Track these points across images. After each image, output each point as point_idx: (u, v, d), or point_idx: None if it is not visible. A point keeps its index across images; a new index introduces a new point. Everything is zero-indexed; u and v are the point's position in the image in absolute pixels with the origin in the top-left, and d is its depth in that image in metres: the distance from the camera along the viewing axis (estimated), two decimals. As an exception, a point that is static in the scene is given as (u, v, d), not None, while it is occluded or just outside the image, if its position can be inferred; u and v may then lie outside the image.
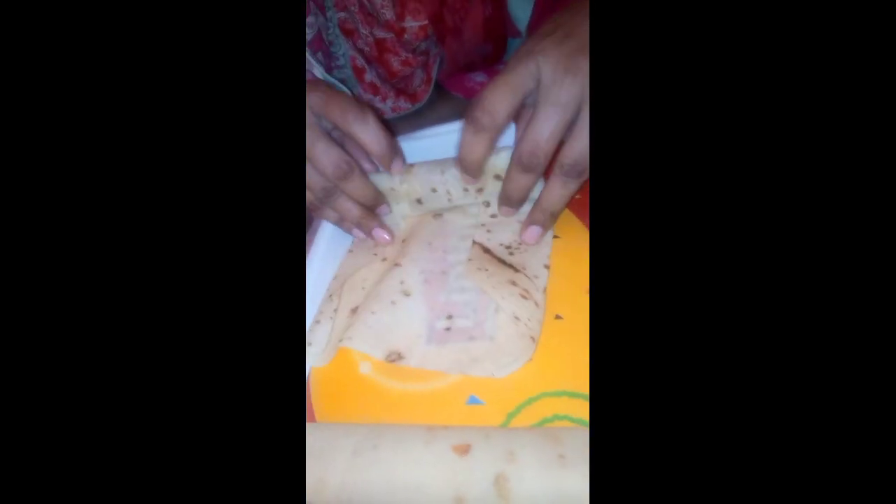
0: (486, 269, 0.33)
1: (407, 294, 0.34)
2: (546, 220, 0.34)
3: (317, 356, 0.33)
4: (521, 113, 0.33)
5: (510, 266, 0.34)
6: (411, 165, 0.37)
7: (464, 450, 0.25)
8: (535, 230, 0.34)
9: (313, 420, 0.30)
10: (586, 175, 0.31)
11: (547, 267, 0.34)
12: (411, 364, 0.31)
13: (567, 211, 0.37)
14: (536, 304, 0.32)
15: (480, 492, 0.23)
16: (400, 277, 0.35)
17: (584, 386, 0.29)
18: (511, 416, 0.29)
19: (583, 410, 0.28)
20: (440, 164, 0.37)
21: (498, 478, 0.23)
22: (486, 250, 0.35)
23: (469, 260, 0.35)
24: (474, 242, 0.35)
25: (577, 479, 0.23)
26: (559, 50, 0.29)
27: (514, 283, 0.32)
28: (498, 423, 0.28)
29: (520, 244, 0.35)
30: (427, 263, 0.35)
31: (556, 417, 0.28)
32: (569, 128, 0.30)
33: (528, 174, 0.32)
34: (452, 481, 0.24)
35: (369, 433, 0.27)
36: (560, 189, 0.32)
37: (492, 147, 0.33)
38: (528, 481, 0.23)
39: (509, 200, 0.35)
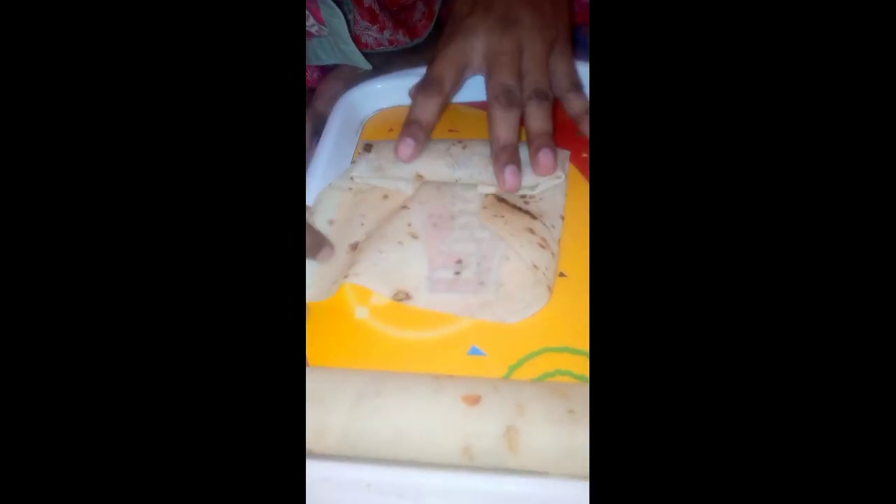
0: (503, 217, 0.33)
1: (415, 237, 0.33)
2: (547, 140, 0.34)
3: (312, 288, 0.31)
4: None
5: (527, 213, 0.33)
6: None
7: (474, 400, 0.24)
8: (546, 154, 0.34)
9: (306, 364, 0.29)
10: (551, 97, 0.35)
11: (562, 218, 0.33)
12: (419, 305, 0.30)
13: (574, 170, 0.36)
14: (553, 254, 0.31)
15: (490, 443, 0.23)
16: (408, 219, 0.33)
17: (586, 343, 0.29)
18: (513, 368, 0.29)
19: (584, 367, 0.28)
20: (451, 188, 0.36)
21: (508, 430, 0.23)
22: (501, 199, 0.34)
23: (483, 208, 0.33)
24: (487, 194, 0.34)
25: (586, 435, 0.23)
26: (486, 23, 0.35)
27: (531, 231, 0.32)
28: (500, 376, 0.28)
29: (534, 195, 0.34)
30: (435, 207, 0.34)
31: (559, 372, 0.28)
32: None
33: (510, 109, 0.34)
34: (461, 431, 0.24)
35: (371, 380, 0.26)
36: (538, 111, 0.34)
37: (441, 111, 0.36)
38: (537, 435, 0.23)
39: (505, 147, 0.34)
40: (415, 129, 0.35)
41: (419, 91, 0.36)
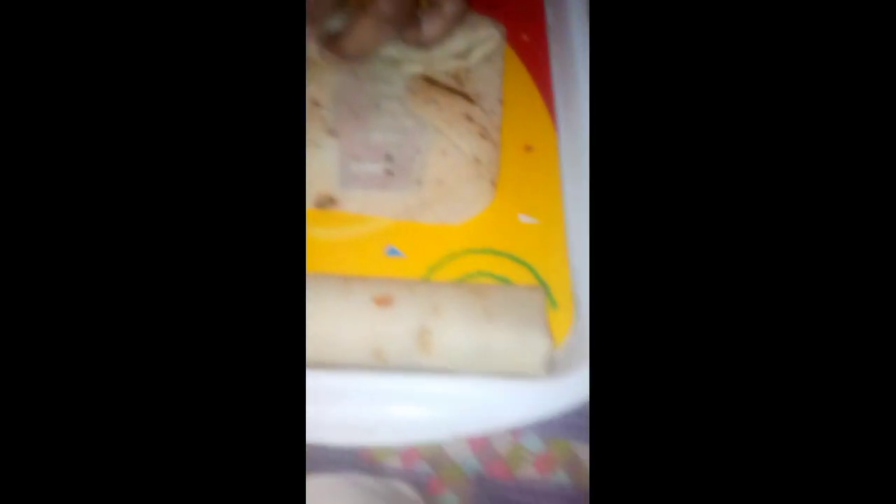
0: (436, 102, 0.29)
1: (333, 133, 0.29)
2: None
3: None
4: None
5: (463, 95, 0.30)
6: None
7: (386, 301, 0.23)
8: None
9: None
10: None
11: (500, 102, 0.30)
12: (348, 209, 0.28)
13: (511, 53, 0.33)
14: (494, 143, 0.29)
15: (401, 345, 0.22)
16: (320, 115, 0.29)
17: (509, 245, 0.28)
18: (432, 269, 0.27)
19: (506, 268, 0.27)
20: None
21: (421, 331, 0.22)
22: (432, 81, 0.30)
23: (412, 93, 0.30)
24: (414, 74, 0.30)
25: (501, 334, 0.22)
26: None
27: (469, 118, 0.29)
28: (418, 277, 0.27)
29: (469, 70, 0.31)
30: (354, 95, 0.30)
31: (479, 273, 0.27)
32: None
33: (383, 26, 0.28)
34: (371, 333, 0.22)
35: (275, 282, 0.24)
36: None
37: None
38: (452, 336, 0.22)
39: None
40: None
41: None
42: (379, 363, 0.22)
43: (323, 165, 0.29)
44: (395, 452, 0.24)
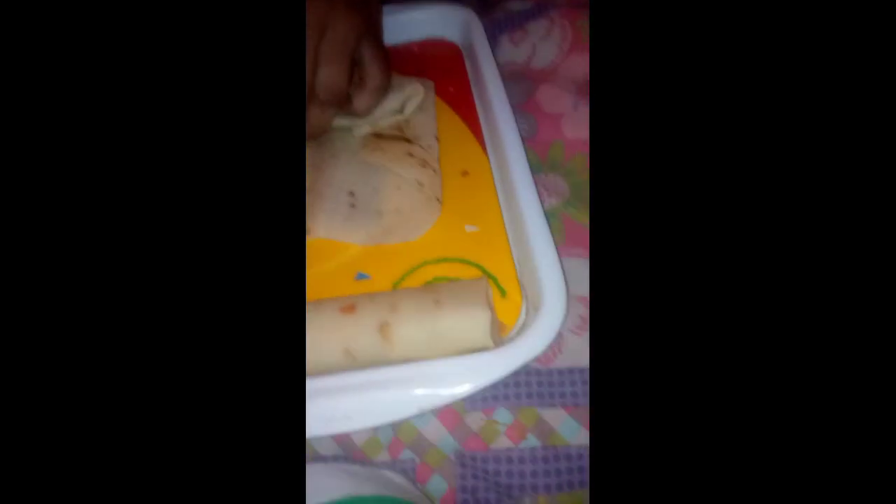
0: (381, 149, 0.36)
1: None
2: None
3: None
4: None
5: (404, 139, 0.36)
6: None
7: (350, 309, 0.27)
8: None
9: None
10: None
11: (437, 139, 0.36)
12: (320, 235, 0.33)
13: (441, 102, 0.39)
14: (434, 171, 0.35)
15: (367, 341, 0.26)
16: None
17: (459, 251, 0.32)
18: (396, 284, 0.31)
19: (456, 271, 0.31)
20: None
21: (382, 326, 0.26)
22: (378, 135, 0.37)
23: (364, 147, 0.36)
24: (365, 134, 0.37)
25: (449, 318, 0.26)
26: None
27: (410, 154, 0.35)
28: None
29: (407, 121, 0.37)
30: (316, 157, 0.36)
31: (436, 280, 0.31)
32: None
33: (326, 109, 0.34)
34: (341, 336, 0.26)
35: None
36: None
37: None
38: (407, 326, 0.26)
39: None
40: None
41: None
42: (351, 361, 0.26)
43: None
44: (382, 446, 0.27)
